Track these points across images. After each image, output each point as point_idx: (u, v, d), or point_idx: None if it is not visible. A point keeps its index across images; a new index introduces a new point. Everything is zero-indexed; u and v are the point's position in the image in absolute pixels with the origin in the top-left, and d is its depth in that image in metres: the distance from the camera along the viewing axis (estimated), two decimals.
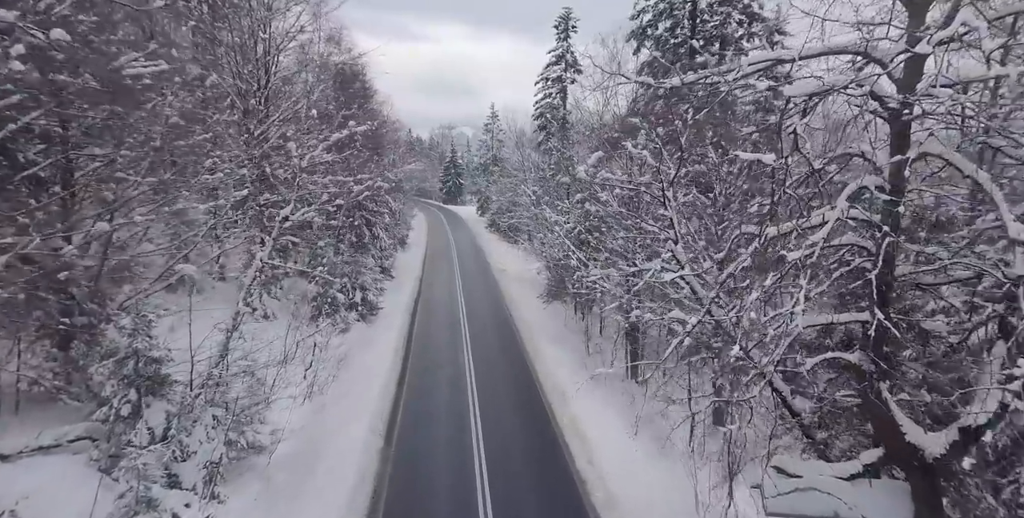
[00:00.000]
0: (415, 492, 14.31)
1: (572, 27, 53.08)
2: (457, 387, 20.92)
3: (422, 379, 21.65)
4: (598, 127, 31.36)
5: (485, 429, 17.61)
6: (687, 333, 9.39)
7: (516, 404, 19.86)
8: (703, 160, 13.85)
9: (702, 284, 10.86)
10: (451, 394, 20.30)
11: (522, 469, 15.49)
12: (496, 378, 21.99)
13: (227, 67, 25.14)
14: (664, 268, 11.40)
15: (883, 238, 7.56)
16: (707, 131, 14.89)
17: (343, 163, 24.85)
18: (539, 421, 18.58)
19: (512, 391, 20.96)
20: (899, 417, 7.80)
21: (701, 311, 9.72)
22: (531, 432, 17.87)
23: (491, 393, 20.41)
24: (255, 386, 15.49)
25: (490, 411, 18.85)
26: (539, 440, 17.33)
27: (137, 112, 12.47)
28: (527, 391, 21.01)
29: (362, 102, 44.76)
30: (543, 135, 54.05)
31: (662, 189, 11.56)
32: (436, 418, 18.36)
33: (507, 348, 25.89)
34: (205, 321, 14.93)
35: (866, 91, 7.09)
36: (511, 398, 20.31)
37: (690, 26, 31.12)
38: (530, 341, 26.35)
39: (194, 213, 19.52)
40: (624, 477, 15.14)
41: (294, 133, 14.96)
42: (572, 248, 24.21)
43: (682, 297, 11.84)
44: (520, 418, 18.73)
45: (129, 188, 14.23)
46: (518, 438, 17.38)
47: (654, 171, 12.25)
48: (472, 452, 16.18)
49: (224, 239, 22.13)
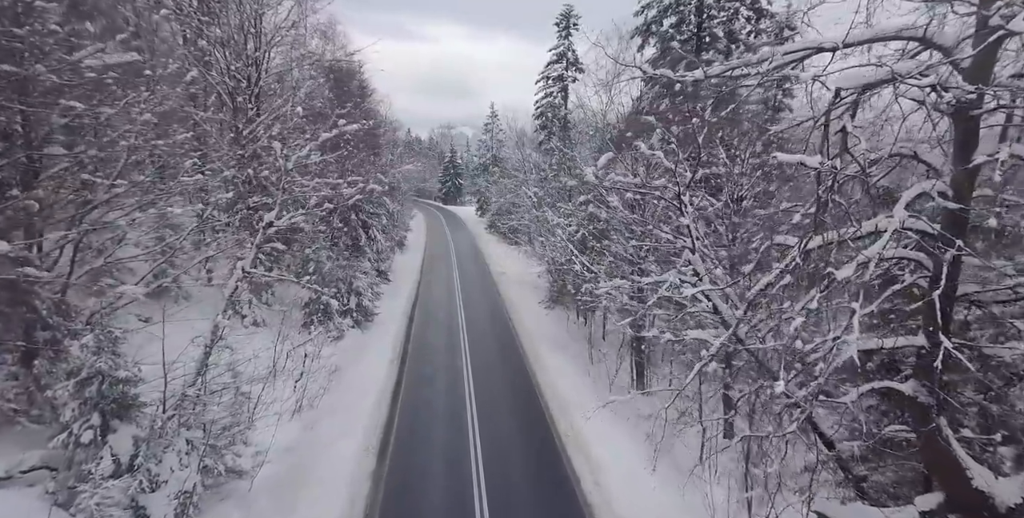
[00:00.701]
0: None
1: (573, 24, 51.97)
2: (455, 399, 19.84)
3: (419, 391, 20.58)
4: (602, 126, 30.30)
5: (484, 446, 16.53)
6: (711, 356, 8.33)
7: (517, 418, 18.78)
8: (716, 161, 12.81)
9: (724, 298, 9.80)
10: (449, 407, 19.22)
11: (525, 493, 14.43)
12: (496, 389, 20.91)
13: (216, 63, 24.09)
14: (682, 280, 10.34)
15: (944, 251, 6.51)
16: (718, 131, 13.85)
17: (337, 164, 23.72)
18: (542, 437, 17.50)
19: (513, 404, 19.88)
20: (963, 458, 6.75)
21: (725, 331, 8.67)
22: (533, 450, 16.81)
23: (491, 406, 19.34)
24: (238, 403, 14.44)
25: (490, 426, 17.78)
26: (542, 459, 16.26)
27: (104, 109, 11.40)
28: (528, 404, 19.93)
29: (358, 101, 43.74)
30: (544, 135, 53.00)
31: (677, 193, 10.50)
32: (433, 435, 17.28)
33: (507, 356, 24.83)
34: (188, 331, 13.84)
35: (932, 82, 6.02)
36: (512, 412, 19.22)
37: (696, 22, 30.07)
38: (531, 348, 25.29)
39: (175, 216, 18.53)
40: (634, 501, 14.08)
41: (280, 133, 13.85)
42: (575, 253, 23.14)
43: (699, 311, 10.79)
44: (522, 435, 17.63)
45: (100, 191, 13.15)
46: (520, 457, 16.31)
47: (669, 173, 11.19)
48: (471, 472, 15.13)
49: (211, 243, 21.07)
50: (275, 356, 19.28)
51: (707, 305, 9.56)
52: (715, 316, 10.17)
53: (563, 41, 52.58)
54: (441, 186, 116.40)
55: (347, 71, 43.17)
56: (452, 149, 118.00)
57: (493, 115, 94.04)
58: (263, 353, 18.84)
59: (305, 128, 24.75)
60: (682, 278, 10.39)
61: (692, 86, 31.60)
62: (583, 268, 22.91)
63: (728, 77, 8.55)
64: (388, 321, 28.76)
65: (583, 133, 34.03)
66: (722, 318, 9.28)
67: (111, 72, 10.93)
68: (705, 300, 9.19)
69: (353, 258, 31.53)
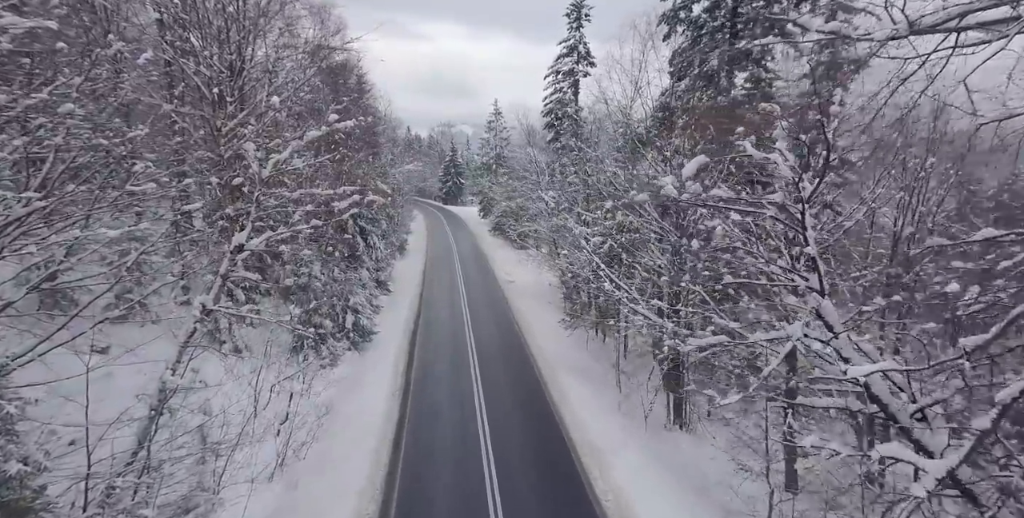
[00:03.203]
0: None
1: (585, 15, 48.94)
2: (467, 446, 16.76)
3: (424, 434, 17.51)
4: (624, 123, 27.24)
5: (506, 512, 13.52)
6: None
7: (541, 469, 15.66)
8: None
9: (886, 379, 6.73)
10: (460, 456, 16.14)
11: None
12: (514, 431, 17.80)
13: (193, 50, 21.02)
14: (808, 335, 7.31)
15: None
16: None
17: (332, 168, 20.63)
18: (575, 497, 14.43)
19: (536, 451, 16.74)
20: None
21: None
22: (564, 514, 13.81)
23: (510, 454, 16.25)
24: (202, 472, 11.43)
25: (510, 483, 14.68)
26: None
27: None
28: (555, 451, 16.82)
29: (356, 97, 40.66)
30: (553, 133, 49.98)
31: (802, 211, 7.47)
32: (442, 499, 14.19)
33: (524, 385, 21.67)
34: (153, 369, 10.80)
35: None
36: (535, 462, 16.08)
37: (731, 7, 27.00)
38: (551, 378, 22.17)
39: (145, 228, 15.57)
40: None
41: (257, 131, 10.85)
42: (605, 270, 20.09)
43: (843, 388, 7.81)
44: (551, 495, 14.48)
45: (16, 205, 10.05)
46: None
47: (787, 184, 8.17)
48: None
49: (179, 260, 18.04)
50: (256, 394, 16.27)
51: (859, 386, 6.49)
52: (867, 405, 7.10)
53: (574, 33, 49.53)
54: (442, 185, 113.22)
55: (344, 64, 40.12)
56: (453, 147, 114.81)
57: (497, 113, 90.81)
58: (242, 390, 15.91)
59: (290, 125, 21.78)
60: (809, 333, 7.36)
61: (711, 80, 28.64)
62: (614, 286, 19.89)
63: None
64: (388, 341, 25.72)
65: (604, 130, 30.86)
66: (888, 412, 6.21)
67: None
68: (863, 382, 6.15)
69: (350, 269, 28.48)
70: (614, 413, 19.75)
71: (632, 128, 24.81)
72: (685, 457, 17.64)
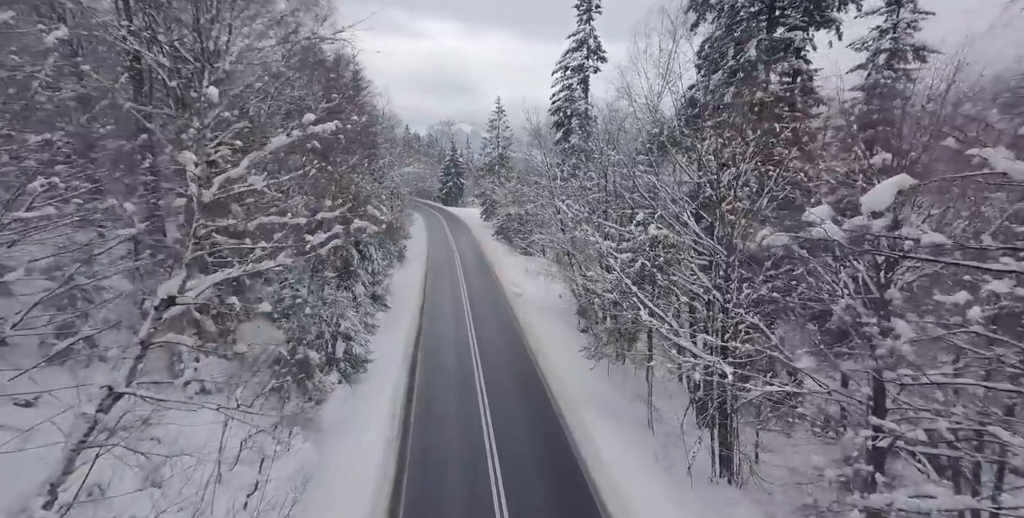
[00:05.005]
0: None
1: (595, 7, 45.70)
2: (479, 509, 13.75)
3: (430, 491, 14.46)
4: (652, 120, 24.14)
5: None
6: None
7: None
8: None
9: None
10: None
11: None
12: (536, 498, 14.74)
13: (159, 35, 17.95)
14: None
15: None
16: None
17: (312, 185, 17.26)
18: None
19: None
20: None
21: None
22: None
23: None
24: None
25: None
26: None
27: None
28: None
29: (351, 94, 37.52)
30: (562, 132, 46.82)
31: None
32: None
33: (544, 431, 18.39)
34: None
35: None
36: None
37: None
38: (575, 420, 18.94)
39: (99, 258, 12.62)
40: None
41: (193, 137, 7.78)
42: (636, 293, 17.04)
43: None
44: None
45: None
46: None
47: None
48: None
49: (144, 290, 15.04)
50: (220, 454, 13.26)
51: None
52: None
53: (583, 26, 46.28)
54: (441, 186, 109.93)
55: (337, 59, 36.95)
56: (453, 147, 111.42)
57: (499, 111, 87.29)
58: (205, 448, 12.87)
59: (273, 125, 18.83)
60: None
61: (751, 73, 25.57)
62: (648, 312, 16.86)
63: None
64: (385, 370, 22.63)
65: (624, 130, 27.70)
66: None
67: None
68: None
69: (342, 287, 25.42)
70: (651, 466, 16.69)
71: (663, 125, 21.69)
72: (733, 509, 14.73)
